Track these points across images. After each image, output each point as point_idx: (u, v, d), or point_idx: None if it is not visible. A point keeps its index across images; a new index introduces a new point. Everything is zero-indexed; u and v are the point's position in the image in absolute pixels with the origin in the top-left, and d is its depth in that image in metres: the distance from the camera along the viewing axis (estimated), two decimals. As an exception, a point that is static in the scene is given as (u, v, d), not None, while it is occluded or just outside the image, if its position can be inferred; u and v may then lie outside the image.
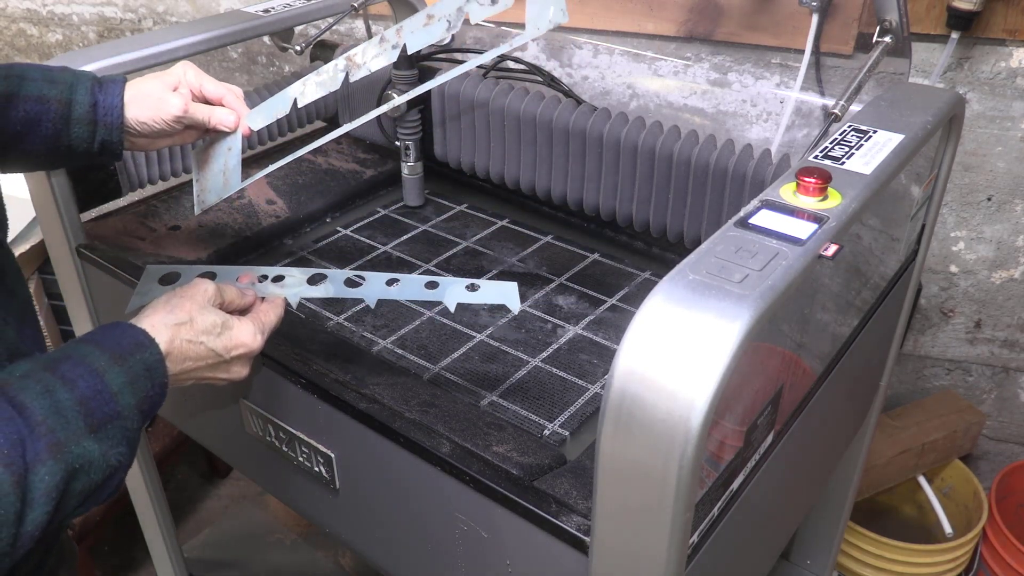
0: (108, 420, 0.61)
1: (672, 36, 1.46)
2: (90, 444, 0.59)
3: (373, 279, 0.88)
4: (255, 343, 0.76)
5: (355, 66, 0.90)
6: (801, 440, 0.90)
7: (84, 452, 0.59)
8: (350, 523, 0.97)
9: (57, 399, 0.58)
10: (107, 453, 0.60)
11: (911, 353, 1.77)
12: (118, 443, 0.61)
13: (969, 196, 1.57)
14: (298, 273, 0.87)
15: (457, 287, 0.86)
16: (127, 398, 0.62)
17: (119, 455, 0.61)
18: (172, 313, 0.70)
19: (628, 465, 0.60)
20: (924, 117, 0.89)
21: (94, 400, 0.60)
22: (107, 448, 0.60)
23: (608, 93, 1.44)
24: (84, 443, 0.59)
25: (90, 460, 0.59)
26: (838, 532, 1.45)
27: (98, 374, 0.61)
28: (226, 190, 0.93)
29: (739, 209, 0.71)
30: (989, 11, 1.38)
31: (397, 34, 0.89)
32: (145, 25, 2.08)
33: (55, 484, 0.56)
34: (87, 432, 0.59)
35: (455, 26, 0.89)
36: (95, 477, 0.60)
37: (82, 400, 0.60)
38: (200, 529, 1.85)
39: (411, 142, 1.28)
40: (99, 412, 0.60)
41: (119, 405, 0.61)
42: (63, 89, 0.87)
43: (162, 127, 0.88)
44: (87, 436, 0.59)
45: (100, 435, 0.60)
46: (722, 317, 0.57)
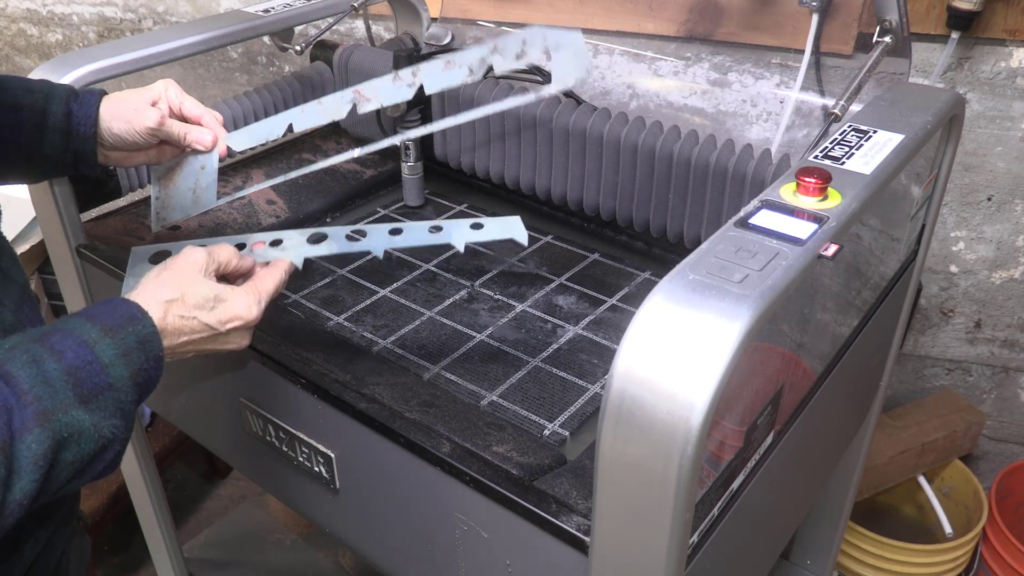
0: (99, 391, 0.60)
1: (672, 36, 1.45)
2: (80, 414, 0.58)
3: (375, 231, 0.87)
4: (251, 314, 0.73)
5: (363, 99, 0.90)
6: (801, 440, 0.90)
7: (73, 421, 0.58)
8: (350, 523, 0.97)
9: (44, 369, 0.58)
10: (99, 424, 0.60)
11: (911, 353, 1.77)
12: (111, 415, 0.61)
13: (969, 196, 1.57)
14: (296, 235, 0.85)
15: (462, 227, 0.87)
16: (120, 370, 0.61)
17: (112, 427, 0.61)
18: (162, 288, 0.68)
19: (628, 465, 0.60)
20: (924, 117, 0.89)
21: (83, 371, 0.59)
22: (99, 419, 0.60)
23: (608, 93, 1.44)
24: (73, 412, 0.58)
25: (80, 430, 0.58)
26: (838, 532, 1.45)
27: (87, 345, 0.60)
28: (195, 208, 0.93)
29: (739, 209, 0.71)
30: (989, 11, 1.38)
31: (413, 75, 0.89)
32: (145, 25, 2.08)
33: (43, 452, 0.56)
34: (76, 402, 0.58)
35: (476, 74, 0.88)
36: (86, 448, 0.59)
37: (70, 370, 0.59)
38: (200, 529, 1.85)
39: (411, 142, 1.28)
40: (89, 383, 0.59)
41: (111, 377, 0.61)
42: (38, 98, 0.88)
43: (136, 139, 0.88)
44: (76, 406, 0.58)
45: (91, 406, 0.59)
46: (722, 317, 0.57)
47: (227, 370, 1.02)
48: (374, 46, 1.44)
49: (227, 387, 1.02)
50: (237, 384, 1.01)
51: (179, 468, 2.20)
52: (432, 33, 1.45)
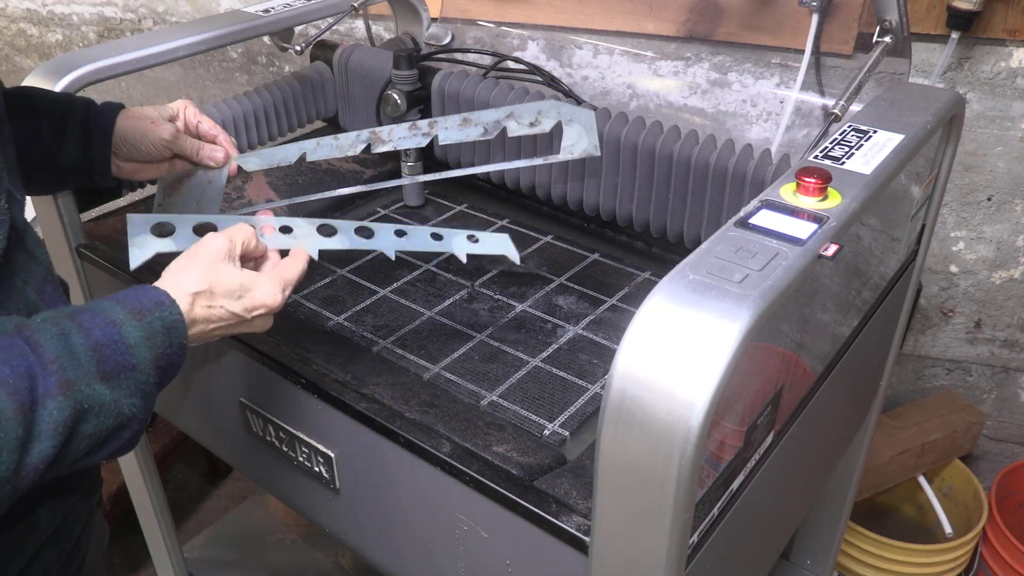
0: (122, 370, 0.62)
1: (672, 36, 1.46)
2: (101, 389, 0.60)
3: (383, 231, 0.89)
4: (276, 301, 0.75)
5: (379, 140, 0.94)
6: (801, 440, 0.90)
7: (95, 395, 0.60)
8: (350, 523, 0.97)
9: (71, 342, 0.60)
10: (119, 401, 0.61)
11: (911, 353, 1.77)
12: (131, 394, 0.62)
13: (969, 196, 1.57)
14: (305, 224, 0.85)
15: (459, 238, 0.91)
16: (143, 352, 0.63)
17: (132, 406, 0.62)
18: (189, 279, 0.70)
19: (628, 465, 0.60)
20: (924, 117, 0.89)
21: (108, 348, 0.61)
22: (120, 396, 0.61)
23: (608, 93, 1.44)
24: (95, 386, 0.60)
25: (100, 403, 0.60)
26: (838, 532, 1.45)
27: (115, 325, 0.62)
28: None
29: (739, 209, 0.71)
30: (989, 11, 1.38)
31: (430, 127, 0.94)
32: (145, 25, 2.08)
33: (63, 420, 0.57)
34: (99, 377, 0.60)
35: (490, 133, 0.94)
36: (105, 422, 0.61)
37: (96, 346, 0.61)
38: (200, 529, 1.85)
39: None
40: (112, 360, 0.61)
41: (135, 358, 0.62)
42: (59, 108, 0.91)
43: (150, 151, 0.92)
44: (99, 381, 0.60)
45: (113, 383, 0.61)
46: (722, 317, 0.57)
47: (227, 370, 1.02)
48: (374, 46, 1.44)
49: (227, 387, 1.02)
50: (237, 384, 1.01)
51: (179, 468, 2.20)
52: (432, 33, 1.45)
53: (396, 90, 1.23)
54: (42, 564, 0.75)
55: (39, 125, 0.90)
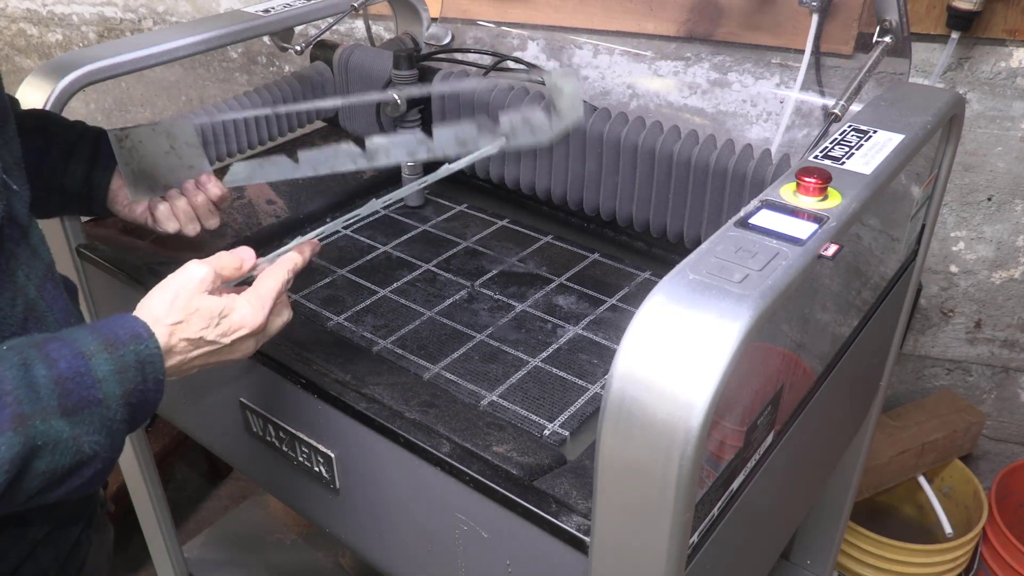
0: (86, 405, 0.59)
1: (672, 36, 1.46)
2: (60, 424, 0.58)
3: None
4: (256, 320, 0.71)
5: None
6: (801, 440, 0.90)
7: (51, 431, 0.57)
8: (350, 523, 0.97)
9: (32, 374, 0.57)
10: (79, 438, 0.59)
11: (911, 353, 1.77)
12: (95, 431, 0.60)
13: (969, 196, 1.57)
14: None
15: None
16: (112, 387, 0.61)
17: (94, 444, 0.60)
18: (169, 311, 0.67)
19: (628, 465, 0.60)
20: (924, 117, 0.89)
21: (73, 381, 0.59)
22: (80, 433, 0.59)
23: (608, 93, 1.44)
24: (53, 422, 0.57)
25: (57, 440, 0.57)
26: (838, 532, 1.45)
27: (84, 357, 0.60)
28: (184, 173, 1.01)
29: (739, 209, 0.71)
30: (989, 11, 1.38)
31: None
32: (145, 25, 2.08)
33: (11, 457, 0.55)
34: (59, 412, 0.58)
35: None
36: (61, 460, 0.58)
37: (59, 379, 0.58)
38: (200, 529, 1.85)
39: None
40: (76, 395, 0.59)
41: (101, 392, 0.60)
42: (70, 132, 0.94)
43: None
44: (58, 416, 0.58)
45: (74, 418, 0.58)
46: (722, 317, 0.57)
47: (227, 370, 1.02)
48: (374, 46, 1.44)
49: (227, 387, 1.02)
50: (237, 384, 1.01)
51: (179, 468, 2.20)
52: (432, 33, 1.45)
53: (396, 89, 1.23)
54: (37, 564, 0.74)
55: (50, 146, 0.92)
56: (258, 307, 0.72)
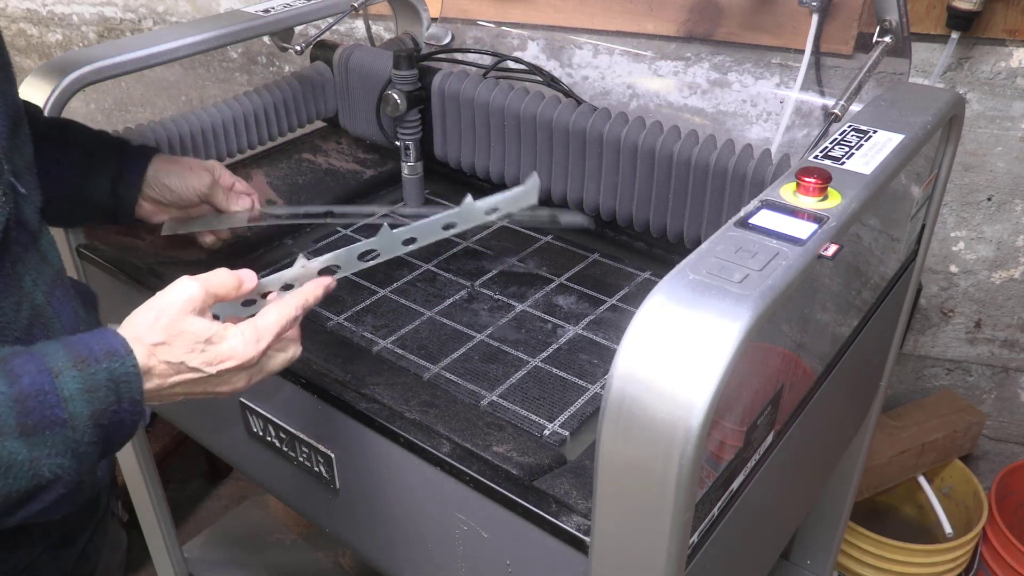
0: (48, 425, 0.55)
1: (672, 36, 1.46)
2: (15, 445, 0.54)
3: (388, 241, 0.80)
4: (247, 353, 0.66)
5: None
6: (801, 440, 0.90)
7: (3, 452, 0.54)
8: (350, 523, 0.97)
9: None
10: (38, 460, 0.55)
11: (911, 353, 1.77)
12: (57, 453, 0.56)
13: (969, 196, 1.57)
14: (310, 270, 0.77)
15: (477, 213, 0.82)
16: (79, 406, 0.57)
17: (56, 467, 0.56)
18: (151, 329, 0.63)
19: (628, 465, 0.60)
20: (924, 117, 0.89)
21: (34, 399, 0.55)
22: (40, 455, 0.55)
23: (608, 93, 1.44)
24: (8, 443, 0.54)
25: (11, 463, 0.54)
26: (838, 532, 1.45)
27: (50, 374, 0.56)
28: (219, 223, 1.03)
29: (739, 209, 0.71)
30: (989, 11, 1.38)
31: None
32: (145, 25, 2.08)
33: None
34: (16, 432, 0.54)
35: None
36: (16, 483, 0.55)
37: (20, 397, 0.55)
38: (200, 529, 1.85)
39: (411, 142, 1.28)
40: (37, 413, 0.55)
41: (66, 412, 0.56)
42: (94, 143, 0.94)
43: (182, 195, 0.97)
44: (14, 436, 0.54)
45: (34, 440, 0.55)
46: (722, 317, 0.57)
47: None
48: (374, 46, 1.44)
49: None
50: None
51: (179, 468, 2.20)
52: (432, 33, 1.45)
53: (396, 90, 1.23)
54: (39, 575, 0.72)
55: (71, 155, 0.91)
56: (251, 339, 0.66)
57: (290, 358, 0.72)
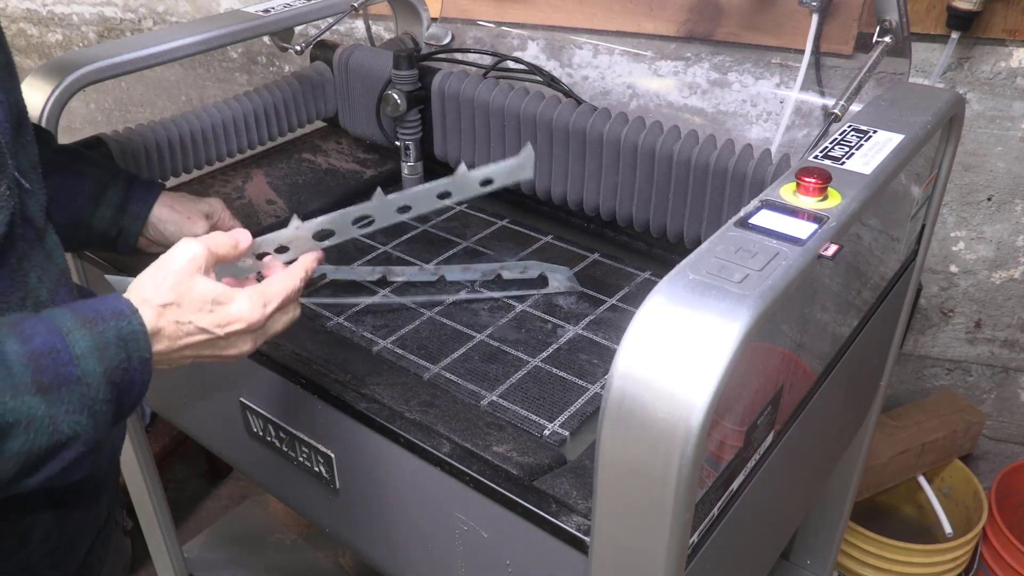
0: (63, 382, 0.56)
1: (672, 36, 1.46)
2: (34, 401, 0.55)
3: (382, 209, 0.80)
4: (253, 316, 0.67)
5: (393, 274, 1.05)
6: (801, 440, 0.90)
7: (23, 408, 0.54)
8: (350, 523, 0.97)
9: (4, 349, 0.55)
10: (56, 417, 0.55)
11: (911, 353, 1.77)
12: (74, 410, 0.56)
13: (969, 196, 1.57)
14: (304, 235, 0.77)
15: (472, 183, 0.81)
16: (91, 364, 0.57)
17: (75, 424, 0.57)
18: (157, 290, 0.64)
19: (628, 465, 0.60)
20: (924, 117, 0.89)
21: (47, 357, 0.56)
22: (58, 412, 0.56)
23: (608, 93, 1.44)
24: (26, 398, 0.54)
25: (31, 418, 0.54)
26: (838, 532, 1.45)
27: (60, 333, 0.57)
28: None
29: (739, 209, 0.71)
30: (989, 11, 1.38)
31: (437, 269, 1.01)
32: (145, 25, 2.08)
33: None
34: (33, 389, 0.55)
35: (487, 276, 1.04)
36: (37, 440, 0.55)
37: (33, 355, 0.55)
38: (200, 529, 1.85)
39: (411, 142, 1.28)
40: (52, 371, 0.55)
41: (79, 370, 0.57)
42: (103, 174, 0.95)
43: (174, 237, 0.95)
44: (32, 393, 0.55)
45: (51, 396, 0.55)
46: (722, 317, 0.57)
47: (227, 370, 1.02)
48: (374, 46, 1.44)
49: (227, 387, 1.02)
50: (237, 384, 1.01)
51: (179, 468, 2.20)
52: (432, 33, 1.45)
53: (396, 90, 1.23)
54: None
55: (81, 185, 0.93)
56: (258, 304, 0.68)
57: (291, 319, 0.73)
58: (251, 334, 0.69)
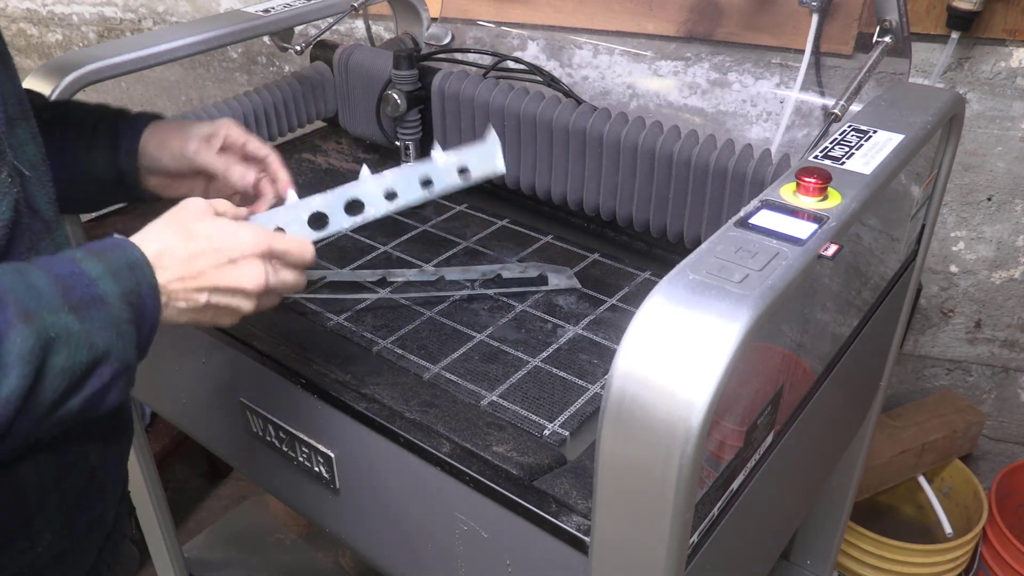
0: (90, 302, 0.57)
1: (672, 36, 1.45)
2: (68, 318, 0.56)
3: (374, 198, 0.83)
4: (256, 236, 0.68)
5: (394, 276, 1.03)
6: (801, 440, 0.90)
7: (61, 323, 0.55)
8: (350, 523, 0.97)
9: (29, 277, 0.56)
10: (90, 332, 0.56)
11: (911, 353, 1.77)
12: (103, 327, 0.58)
13: (969, 196, 1.57)
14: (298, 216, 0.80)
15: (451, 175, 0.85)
16: (109, 285, 0.59)
17: (107, 339, 0.58)
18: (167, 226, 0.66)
19: (628, 465, 0.60)
20: (924, 117, 0.89)
21: (71, 279, 0.57)
22: (91, 327, 0.57)
23: (608, 93, 1.44)
24: (61, 315, 0.55)
25: (69, 333, 0.55)
26: (838, 532, 1.45)
27: (74, 261, 0.59)
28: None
29: (739, 209, 0.71)
30: (989, 11, 1.38)
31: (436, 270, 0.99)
32: (145, 25, 2.08)
33: (29, 348, 0.53)
34: (66, 308, 0.56)
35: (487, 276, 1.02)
36: (79, 354, 0.56)
37: (57, 278, 0.57)
38: (200, 529, 1.85)
39: (411, 142, 1.28)
40: (78, 291, 0.57)
41: (100, 290, 0.58)
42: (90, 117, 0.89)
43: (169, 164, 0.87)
44: (66, 311, 0.56)
45: (82, 314, 0.56)
46: (722, 317, 0.57)
47: (227, 370, 1.02)
48: (374, 46, 1.44)
49: (227, 387, 1.02)
50: (237, 384, 1.01)
51: (179, 468, 2.20)
52: (432, 33, 1.45)
53: (396, 90, 1.23)
54: None
55: (71, 135, 0.87)
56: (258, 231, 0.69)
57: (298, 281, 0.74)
58: (259, 260, 0.69)
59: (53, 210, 0.69)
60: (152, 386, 1.17)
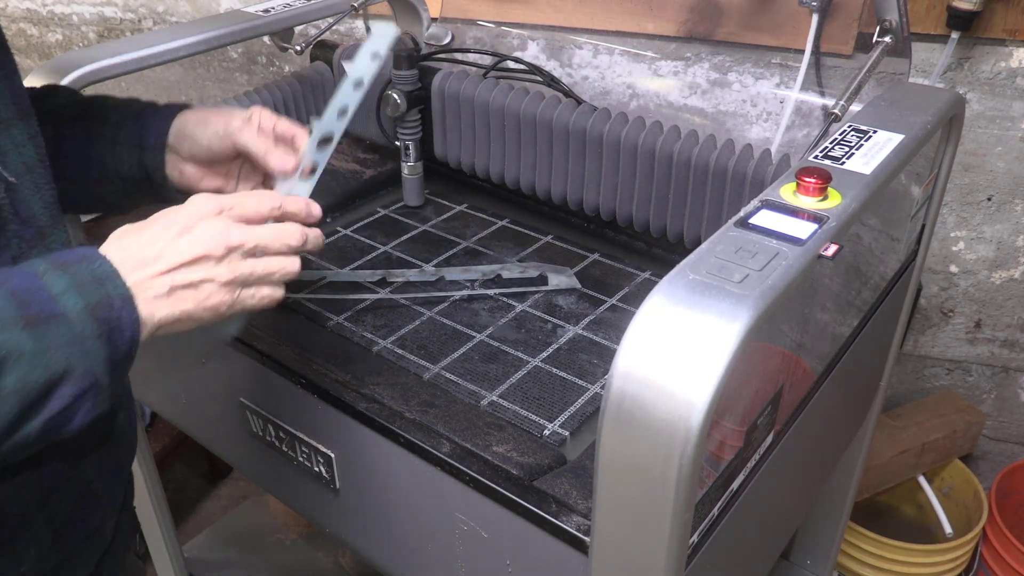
0: (47, 318, 0.54)
1: (672, 36, 1.45)
2: (21, 335, 0.53)
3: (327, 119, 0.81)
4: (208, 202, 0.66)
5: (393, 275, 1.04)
6: (801, 440, 0.90)
7: (12, 340, 0.53)
8: (350, 523, 0.97)
9: None
10: (49, 349, 0.54)
11: (911, 353, 1.77)
12: (63, 344, 0.55)
13: (969, 196, 1.57)
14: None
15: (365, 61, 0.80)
16: (71, 300, 0.56)
17: (68, 357, 0.55)
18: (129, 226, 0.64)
19: (628, 465, 0.60)
20: (924, 117, 0.89)
21: (28, 294, 0.54)
22: (49, 344, 0.54)
23: (608, 93, 1.44)
24: (14, 332, 0.53)
25: (22, 351, 0.53)
26: (838, 532, 1.45)
27: (35, 275, 0.56)
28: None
29: (739, 209, 0.71)
30: (989, 11, 1.38)
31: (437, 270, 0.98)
32: (145, 25, 2.08)
33: None
34: (20, 323, 0.53)
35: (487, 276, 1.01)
36: (32, 375, 0.53)
37: (14, 292, 0.54)
38: (200, 529, 1.85)
39: (411, 142, 1.28)
40: (35, 307, 0.54)
41: (60, 306, 0.55)
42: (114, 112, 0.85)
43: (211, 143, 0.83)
44: (20, 327, 0.53)
45: (38, 330, 0.54)
46: (722, 317, 0.57)
47: (227, 370, 1.02)
48: (374, 46, 1.43)
49: (227, 387, 1.02)
50: (237, 384, 1.01)
51: (179, 468, 2.20)
52: (432, 33, 1.45)
53: (396, 90, 1.23)
54: None
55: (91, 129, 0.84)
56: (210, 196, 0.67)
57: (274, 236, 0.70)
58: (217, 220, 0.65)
59: (49, 214, 0.67)
60: (152, 386, 1.17)
